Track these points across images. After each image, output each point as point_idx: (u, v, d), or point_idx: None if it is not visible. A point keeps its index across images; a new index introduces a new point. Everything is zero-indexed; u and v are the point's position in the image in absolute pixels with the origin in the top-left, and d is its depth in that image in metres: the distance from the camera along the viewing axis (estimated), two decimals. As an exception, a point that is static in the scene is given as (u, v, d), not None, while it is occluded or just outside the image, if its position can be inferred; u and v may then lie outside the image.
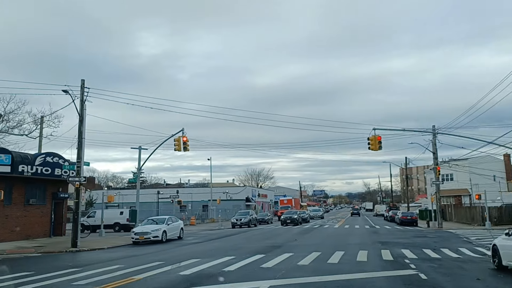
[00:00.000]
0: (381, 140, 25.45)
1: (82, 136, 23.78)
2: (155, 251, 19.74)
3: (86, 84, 24.05)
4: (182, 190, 79.43)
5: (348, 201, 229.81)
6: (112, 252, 20.79)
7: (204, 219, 63.82)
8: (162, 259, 15.57)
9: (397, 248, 19.45)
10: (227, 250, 18.67)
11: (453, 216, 52.30)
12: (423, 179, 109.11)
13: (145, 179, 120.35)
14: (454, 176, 62.48)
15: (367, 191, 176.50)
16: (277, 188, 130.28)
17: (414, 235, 28.66)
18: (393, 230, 35.77)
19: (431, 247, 19.77)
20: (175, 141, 25.99)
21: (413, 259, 15.08)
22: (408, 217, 46.11)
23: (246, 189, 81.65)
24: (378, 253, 17.01)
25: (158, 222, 27.18)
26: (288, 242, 22.84)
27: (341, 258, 15.10)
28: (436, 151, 39.53)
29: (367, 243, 21.96)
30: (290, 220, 46.61)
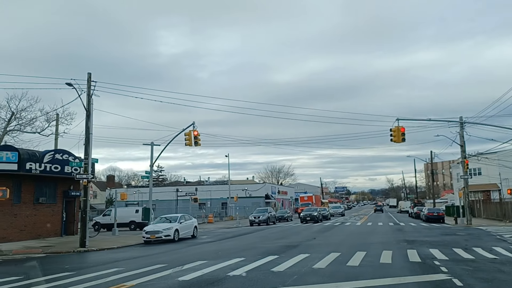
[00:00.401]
0: (405, 132, 23.68)
1: (90, 131, 22.89)
2: (164, 251, 18.64)
3: (98, 80, 23.17)
4: (201, 187, 78.86)
5: (371, 197, 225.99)
6: (120, 252, 19.80)
7: (223, 217, 62.85)
8: (166, 261, 14.41)
9: (424, 247, 17.80)
10: (238, 251, 17.40)
11: (481, 212, 49.79)
12: (449, 174, 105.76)
13: (165, 177, 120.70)
14: (482, 170, 59.75)
15: (391, 187, 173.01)
16: (297, 185, 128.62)
17: (442, 233, 26.79)
18: (419, 227, 33.85)
19: (462, 246, 18.05)
20: (186, 135, 24.86)
21: (443, 260, 13.47)
22: (435, 213, 43.92)
23: (265, 186, 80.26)
24: (403, 254, 15.43)
25: (171, 220, 26.16)
26: (305, 241, 21.42)
27: (362, 260, 13.61)
28: (464, 144, 37.30)
29: (391, 242, 20.33)
30: (310, 218, 45.09)
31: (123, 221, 38.84)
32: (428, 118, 24.38)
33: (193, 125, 24.66)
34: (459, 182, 68.84)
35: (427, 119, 24.45)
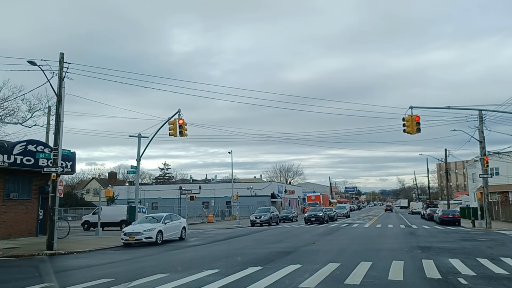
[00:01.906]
0: (420, 122, 20.60)
1: (60, 119, 20.27)
2: (132, 258, 15.94)
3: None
4: (205, 186, 76.47)
5: (381, 198, 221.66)
6: (86, 257, 17.12)
7: (225, 216, 60.17)
8: (119, 272, 11.70)
9: (443, 256, 14.81)
10: (218, 259, 14.57)
11: (500, 214, 46.29)
12: (462, 175, 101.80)
13: (171, 175, 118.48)
14: (500, 170, 56.18)
15: (402, 188, 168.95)
16: (306, 184, 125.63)
17: (460, 238, 23.67)
18: (433, 230, 30.69)
19: (487, 256, 15.04)
20: (170, 124, 22.12)
21: (470, 276, 10.52)
22: (450, 215, 40.61)
23: (271, 185, 77.36)
24: (418, 266, 12.48)
25: (158, 220, 23.48)
26: (302, 247, 18.50)
27: (365, 275, 10.70)
28: (484, 140, 33.97)
29: (403, 249, 17.34)
30: (315, 218, 42.12)
31: (113, 220, 36.30)
32: (447, 106, 21.32)
33: (179, 113, 21.90)
34: (474, 183, 65.27)
35: (446, 107, 21.36)
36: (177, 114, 22.00)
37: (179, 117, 21.84)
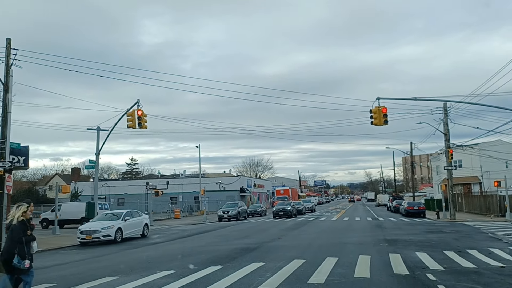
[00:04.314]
0: (387, 113, 20.29)
1: (8, 109, 18.78)
2: (84, 259, 14.85)
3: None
4: (173, 181, 74.71)
5: (349, 191, 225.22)
6: (35, 258, 15.80)
7: (192, 212, 59.04)
8: (64, 276, 10.70)
9: (410, 250, 14.51)
10: (177, 258, 13.70)
11: (463, 206, 47.44)
12: (427, 168, 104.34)
13: (139, 171, 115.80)
14: (463, 162, 57.61)
15: (369, 181, 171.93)
16: (276, 178, 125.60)
17: (426, 230, 23.68)
18: (400, 222, 30.79)
19: (454, 248, 14.86)
20: (128, 116, 20.94)
21: (438, 271, 10.12)
22: (415, 207, 41.12)
23: (240, 179, 76.65)
24: (385, 260, 12.04)
25: (118, 217, 22.28)
26: (268, 242, 17.86)
27: (331, 272, 10.12)
28: (448, 132, 34.42)
29: (370, 243, 16.97)
30: (283, 212, 41.67)
31: (74, 217, 34.68)
32: (414, 97, 21.12)
33: (138, 103, 20.73)
34: (438, 175, 66.76)
35: (412, 98, 21.15)
36: (136, 105, 20.85)
37: (138, 108, 20.69)
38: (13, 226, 7.11)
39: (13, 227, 7.09)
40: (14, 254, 6.98)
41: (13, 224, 7.11)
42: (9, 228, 7.24)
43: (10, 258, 6.99)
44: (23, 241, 7.10)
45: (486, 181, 52.59)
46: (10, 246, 7.09)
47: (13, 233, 7.07)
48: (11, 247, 7.05)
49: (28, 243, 7.23)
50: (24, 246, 7.11)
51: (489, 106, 21.24)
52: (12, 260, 6.98)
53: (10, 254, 7.01)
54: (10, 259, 6.98)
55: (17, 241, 7.04)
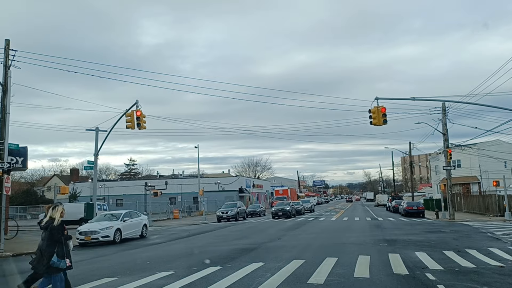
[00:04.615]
0: (386, 113, 20.30)
1: (6, 110, 18.74)
2: (84, 259, 14.76)
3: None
4: (172, 181, 74.60)
5: (348, 191, 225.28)
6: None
7: (191, 212, 58.99)
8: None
9: (409, 249, 14.51)
10: (176, 258, 13.68)
11: (462, 205, 47.44)
12: (425, 168, 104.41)
13: (138, 171, 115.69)
14: (462, 162, 57.65)
15: (368, 181, 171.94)
16: (275, 178, 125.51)
17: (425, 230, 23.69)
18: (399, 223, 30.80)
19: (453, 248, 14.86)
20: (127, 116, 20.91)
21: (437, 271, 10.12)
22: (414, 207, 41.14)
23: (239, 180, 76.62)
24: (384, 260, 12.04)
25: (117, 217, 22.25)
26: (267, 243, 17.84)
27: (330, 272, 10.11)
28: (447, 132, 34.45)
29: (369, 243, 16.98)
30: (282, 213, 41.65)
31: (72, 218, 34.47)
32: (412, 97, 21.13)
33: (136, 104, 20.70)
34: (437, 175, 66.84)
35: (411, 98, 21.15)
36: (135, 105, 20.82)
37: (137, 109, 20.66)
38: (52, 227, 7.50)
39: (53, 227, 7.50)
40: (54, 253, 7.40)
41: (53, 225, 7.51)
42: (46, 228, 7.61)
43: (50, 257, 7.39)
44: (63, 241, 7.57)
45: (485, 180, 52.67)
46: (50, 245, 7.48)
47: (53, 233, 7.48)
48: (51, 247, 7.46)
49: (66, 243, 7.72)
50: (63, 246, 7.57)
51: (487, 106, 21.28)
52: (51, 259, 7.38)
53: (50, 254, 7.41)
54: (49, 258, 7.38)
55: (57, 241, 7.49)
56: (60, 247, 7.49)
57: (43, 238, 7.78)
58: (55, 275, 7.57)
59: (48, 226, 7.57)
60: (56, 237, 7.48)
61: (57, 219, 7.56)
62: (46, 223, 7.66)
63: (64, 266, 7.53)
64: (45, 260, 7.41)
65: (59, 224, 7.57)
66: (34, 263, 7.69)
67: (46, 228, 7.60)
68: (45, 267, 7.48)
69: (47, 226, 7.58)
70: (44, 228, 7.69)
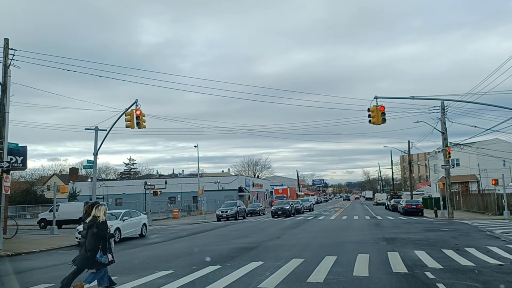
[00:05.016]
0: (385, 112, 20.32)
1: (6, 110, 18.75)
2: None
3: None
4: (171, 181, 74.61)
5: (347, 190, 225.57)
6: (34, 259, 15.83)
7: (191, 211, 59.00)
8: (63, 276, 10.61)
9: (408, 248, 14.56)
10: (176, 257, 13.70)
11: (461, 204, 47.51)
12: (424, 167, 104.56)
13: (137, 170, 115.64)
14: (461, 161, 57.72)
15: (367, 179, 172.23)
16: (274, 177, 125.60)
17: (424, 228, 23.75)
18: (398, 221, 30.87)
19: (452, 247, 14.90)
20: (127, 115, 20.91)
21: (437, 270, 10.15)
22: (413, 206, 41.18)
23: (239, 179, 76.59)
24: (383, 259, 12.08)
25: (116, 217, 22.25)
26: (266, 241, 17.88)
27: (330, 271, 10.14)
28: (446, 131, 34.50)
29: (368, 241, 17.02)
30: (282, 212, 41.71)
31: (72, 217, 34.63)
32: (411, 96, 21.17)
33: (136, 103, 20.69)
34: (436, 174, 66.91)
35: (410, 97, 21.19)
36: (135, 104, 20.81)
37: (136, 108, 20.65)
38: (97, 225, 8.04)
39: (98, 225, 8.04)
40: (98, 249, 7.96)
41: (98, 223, 8.04)
42: (91, 227, 8.11)
43: (95, 253, 7.93)
44: (107, 238, 8.14)
45: (484, 179, 52.78)
46: (95, 243, 7.99)
47: (99, 230, 8.01)
48: (96, 243, 7.99)
49: (109, 240, 8.26)
50: (107, 242, 8.13)
51: (486, 104, 21.33)
52: (96, 255, 7.94)
53: (95, 250, 7.94)
54: (94, 254, 7.93)
55: (102, 238, 8.04)
56: (104, 244, 8.04)
57: (83, 236, 8.32)
58: (100, 270, 8.13)
59: (92, 224, 8.08)
60: (101, 234, 8.01)
61: (100, 218, 8.10)
62: (90, 221, 8.17)
63: (107, 261, 8.05)
64: (90, 256, 7.92)
65: (103, 222, 8.11)
66: (77, 260, 8.18)
67: (91, 226, 8.09)
68: (90, 263, 7.99)
69: (92, 224, 8.09)
70: (89, 226, 8.15)
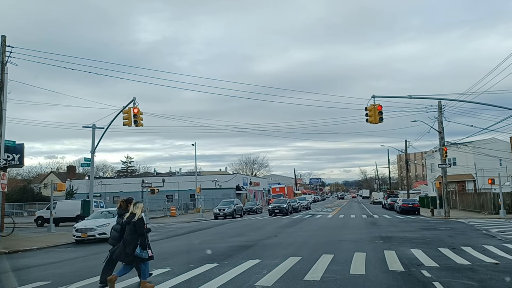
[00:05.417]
0: (382, 111, 20.37)
1: (3, 107, 18.71)
2: (81, 256, 14.87)
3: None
4: (169, 179, 74.55)
5: (344, 188, 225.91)
6: (31, 256, 15.80)
7: (188, 210, 59.01)
8: (60, 273, 10.69)
9: (404, 246, 14.62)
10: (173, 255, 13.73)
11: (457, 203, 47.69)
12: (421, 166, 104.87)
13: (134, 169, 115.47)
14: (457, 160, 57.92)
15: (364, 178, 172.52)
16: (272, 176, 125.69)
17: (421, 227, 23.85)
18: (394, 220, 30.98)
19: (448, 245, 14.98)
20: (124, 113, 20.88)
21: (433, 268, 10.21)
22: (410, 204, 41.34)
23: (236, 177, 76.62)
24: (380, 257, 12.13)
25: (114, 214, 22.19)
26: (264, 240, 17.92)
27: (326, 269, 10.18)
28: (443, 130, 34.59)
29: (365, 240, 17.09)
30: (279, 210, 41.80)
31: (69, 215, 34.59)
32: (408, 95, 21.22)
33: (134, 101, 20.67)
34: (432, 173, 67.14)
35: (407, 96, 21.25)
36: (132, 102, 20.79)
37: (134, 106, 20.62)
38: (135, 221, 8.35)
39: (137, 222, 8.35)
40: (137, 245, 8.26)
41: (135, 220, 8.35)
42: (128, 223, 8.42)
43: (134, 248, 8.23)
44: (145, 233, 8.46)
45: (480, 178, 53.01)
46: (133, 238, 8.29)
47: (137, 226, 8.32)
48: (135, 239, 8.29)
49: (147, 235, 8.59)
50: (145, 238, 8.45)
51: (483, 104, 21.41)
52: (135, 250, 8.24)
53: (134, 246, 8.24)
54: (134, 249, 8.23)
55: (140, 234, 8.35)
56: (142, 239, 8.33)
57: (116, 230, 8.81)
58: (141, 264, 8.50)
59: (130, 221, 8.39)
60: (140, 230, 8.32)
61: (137, 214, 8.41)
62: (128, 218, 8.47)
63: (147, 256, 8.41)
64: (130, 251, 8.23)
65: (140, 219, 8.43)
66: (116, 253, 8.56)
67: (129, 222, 8.40)
68: (130, 257, 8.31)
69: (130, 221, 8.40)
70: (127, 223, 8.46)
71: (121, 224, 8.69)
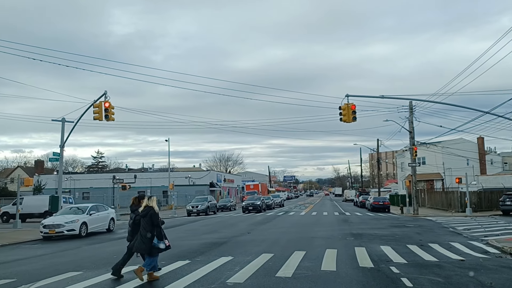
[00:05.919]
0: (356, 110, 20.65)
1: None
2: (48, 253, 14.45)
3: None
4: (141, 175, 73.47)
5: (318, 186, 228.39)
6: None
7: (160, 206, 58.31)
8: (26, 271, 10.37)
9: (374, 243, 14.88)
10: (145, 252, 13.54)
11: (426, 201, 48.94)
12: (392, 164, 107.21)
13: (105, 164, 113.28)
14: (426, 159, 59.46)
15: (337, 176, 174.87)
16: (246, 173, 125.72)
17: (390, 224, 24.35)
18: (365, 217, 31.53)
19: (417, 242, 15.34)
20: (95, 107, 20.40)
21: (401, 265, 10.43)
22: (380, 202, 42.17)
23: (210, 174, 76.22)
24: (351, 254, 12.31)
25: (83, 211, 21.74)
26: (237, 237, 17.90)
27: (298, 266, 10.25)
28: (413, 130, 35.40)
29: (337, 237, 17.31)
30: (253, 207, 41.90)
31: (37, 211, 33.66)
32: (381, 95, 21.62)
33: (105, 95, 20.20)
34: (403, 171, 68.71)
35: (380, 96, 21.65)
36: (104, 96, 20.32)
37: (105, 100, 20.16)
38: (152, 213, 8.83)
39: (152, 214, 8.83)
40: (154, 236, 8.74)
41: (151, 213, 8.82)
42: (145, 216, 8.83)
43: (151, 240, 8.71)
44: (160, 225, 8.94)
45: (448, 177, 54.60)
46: (151, 230, 8.75)
47: (153, 218, 8.82)
48: (152, 230, 8.76)
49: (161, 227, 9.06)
50: (161, 229, 8.95)
51: (452, 105, 22.01)
52: (152, 241, 8.71)
53: (151, 236, 8.71)
54: (151, 240, 8.71)
55: (156, 225, 8.85)
56: (158, 230, 8.83)
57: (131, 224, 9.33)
58: (156, 254, 8.94)
59: (146, 214, 8.81)
60: (156, 221, 8.81)
61: (155, 207, 8.91)
62: (144, 211, 8.90)
63: (164, 246, 8.88)
64: (147, 242, 8.67)
65: (155, 211, 8.89)
66: (134, 246, 8.97)
67: (145, 215, 8.82)
68: (148, 248, 8.73)
69: (145, 214, 8.82)
70: (143, 215, 8.86)
71: (134, 219, 9.11)
